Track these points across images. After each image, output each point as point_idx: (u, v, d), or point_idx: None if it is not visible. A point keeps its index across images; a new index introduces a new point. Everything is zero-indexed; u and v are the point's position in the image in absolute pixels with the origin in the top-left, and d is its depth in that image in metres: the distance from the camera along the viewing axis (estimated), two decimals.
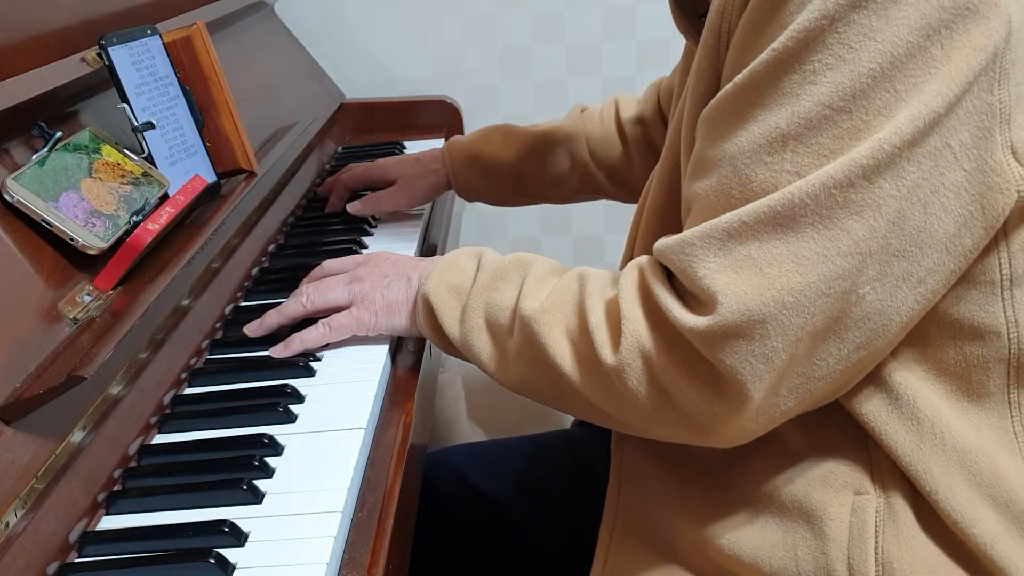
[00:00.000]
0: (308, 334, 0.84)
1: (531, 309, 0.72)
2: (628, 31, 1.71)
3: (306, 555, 0.60)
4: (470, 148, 1.19)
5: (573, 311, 0.71)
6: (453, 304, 0.78)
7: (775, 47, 0.59)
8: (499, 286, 0.76)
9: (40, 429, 0.62)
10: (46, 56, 0.80)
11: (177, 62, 0.93)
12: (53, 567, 0.60)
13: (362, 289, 0.85)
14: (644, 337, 0.65)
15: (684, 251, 0.63)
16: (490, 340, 0.76)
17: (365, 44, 1.71)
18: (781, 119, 0.59)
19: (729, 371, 0.61)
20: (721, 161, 0.62)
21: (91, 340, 0.67)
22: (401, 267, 0.86)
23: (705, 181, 0.64)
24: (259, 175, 1.00)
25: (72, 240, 0.72)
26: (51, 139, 0.76)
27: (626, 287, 0.68)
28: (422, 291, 0.80)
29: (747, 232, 0.60)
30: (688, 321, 0.62)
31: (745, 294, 0.60)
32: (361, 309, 0.84)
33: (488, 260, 0.80)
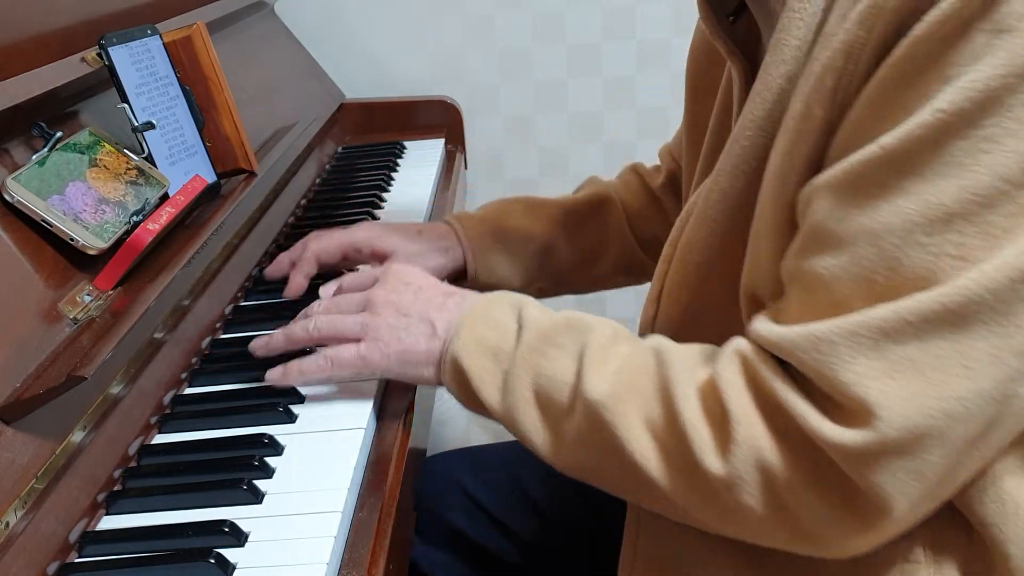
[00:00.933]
0: (308, 364, 0.75)
1: (599, 393, 0.62)
2: (628, 31, 1.71)
3: (306, 555, 0.60)
4: (491, 223, 1.00)
5: (655, 398, 0.61)
6: (491, 368, 0.68)
7: (942, 108, 0.49)
8: (550, 353, 0.66)
9: (40, 429, 0.62)
10: (46, 56, 0.80)
11: (177, 62, 0.93)
12: (53, 567, 0.60)
13: (376, 324, 0.74)
14: (764, 446, 0.55)
15: (820, 349, 0.53)
16: (542, 418, 0.66)
17: (365, 44, 1.71)
18: (945, 194, 0.50)
19: (874, 488, 0.52)
20: (857, 237, 0.52)
21: (91, 340, 0.67)
22: (424, 304, 0.74)
23: (831, 259, 0.54)
24: (259, 175, 1.00)
25: (72, 240, 0.72)
26: (51, 139, 0.76)
27: (729, 380, 0.58)
28: (451, 351, 0.70)
29: (908, 331, 0.51)
30: (834, 436, 0.52)
31: (907, 405, 0.51)
32: (371, 348, 0.73)
33: (532, 317, 0.69)
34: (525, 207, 1.02)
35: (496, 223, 1.00)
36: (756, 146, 0.63)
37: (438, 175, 1.42)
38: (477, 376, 0.68)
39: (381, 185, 1.34)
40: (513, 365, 0.67)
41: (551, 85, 1.75)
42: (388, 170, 1.41)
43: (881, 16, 0.51)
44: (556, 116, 1.77)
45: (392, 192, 1.34)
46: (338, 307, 0.77)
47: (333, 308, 0.78)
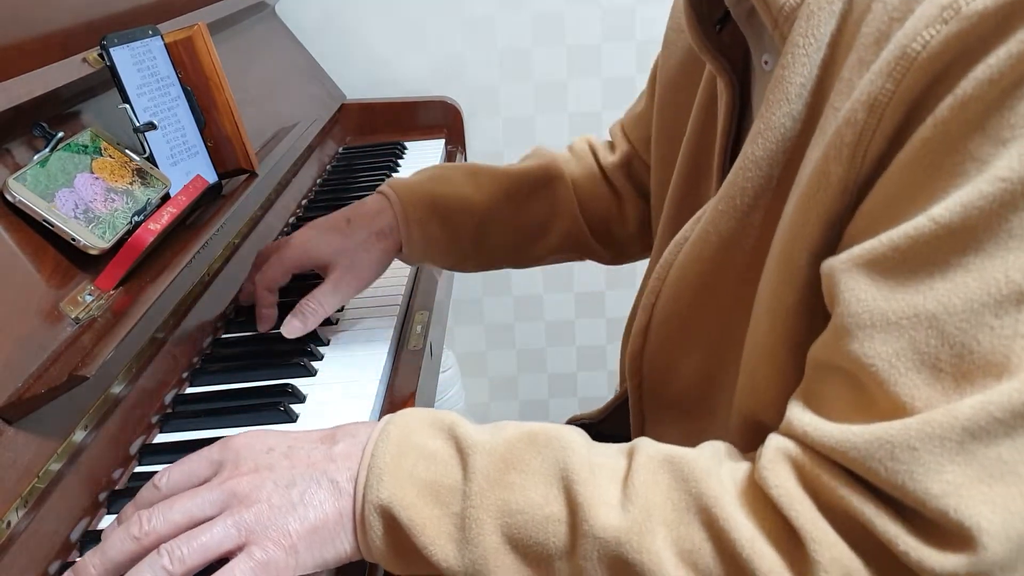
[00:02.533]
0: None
1: (613, 528, 0.50)
2: (628, 31, 1.72)
3: None
4: (428, 190, 0.90)
5: (689, 522, 0.50)
6: (436, 515, 0.53)
7: (1002, 176, 0.44)
8: (516, 482, 0.53)
9: (42, 428, 0.63)
10: (48, 57, 0.80)
11: (178, 63, 0.93)
12: (55, 566, 0.60)
13: (257, 516, 0.53)
14: (853, 569, 0.47)
15: (896, 456, 0.46)
16: (523, 568, 0.53)
17: (366, 45, 1.71)
18: (1014, 270, 0.44)
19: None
20: (912, 321, 0.47)
21: (92, 340, 0.67)
22: (306, 462, 0.56)
23: (882, 345, 0.47)
24: (260, 175, 1.00)
25: (73, 240, 0.72)
26: (53, 139, 0.76)
27: (789, 493, 0.49)
28: (374, 499, 0.53)
29: (999, 429, 0.44)
30: (935, 561, 0.45)
31: (1010, 515, 0.44)
32: (267, 547, 0.53)
33: (473, 439, 0.55)
34: (465, 175, 0.92)
35: (433, 191, 0.90)
36: (756, 187, 0.60)
37: None
38: (420, 528, 0.53)
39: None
40: (469, 506, 0.53)
41: (551, 85, 1.75)
42: (389, 170, 1.41)
43: (911, 68, 0.47)
44: (556, 116, 1.77)
45: None
46: (190, 517, 0.54)
47: (183, 522, 0.54)
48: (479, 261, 0.95)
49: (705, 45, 0.68)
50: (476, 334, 1.92)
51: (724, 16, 0.72)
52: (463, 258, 0.93)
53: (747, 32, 0.67)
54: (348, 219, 0.89)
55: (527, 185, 0.94)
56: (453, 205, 0.90)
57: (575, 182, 0.97)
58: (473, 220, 0.91)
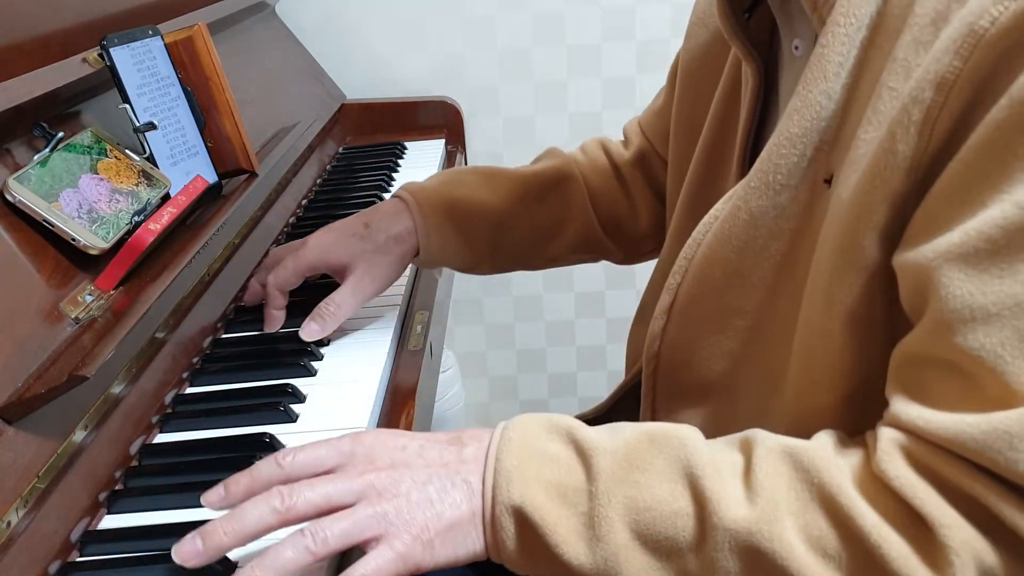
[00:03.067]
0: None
1: (743, 518, 0.52)
2: (628, 31, 1.72)
3: None
4: (444, 194, 0.91)
5: (814, 511, 0.52)
6: (566, 515, 0.55)
7: None
8: (641, 480, 0.55)
9: (42, 428, 0.62)
10: (48, 57, 0.80)
11: (178, 63, 0.93)
12: (55, 566, 0.60)
13: (396, 508, 0.56)
14: (984, 552, 0.48)
15: (1015, 445, 0.46)
16: (654, 562, 0.54)
17: (366, 44, 1.71)
18: None
19: None
20: (1013, 310, 0.47)
21: (92, 340, 0.67)
22: (437, 460, 0.58)
23: (984, 337, 0.48)
24: (260, 175, 1.00)
25: (73, 240, 0.72)
26: (53, 139, 0.76)
27: (912, 481, 0.50)
28: (506, 501, 0.55)
29: None
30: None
31: None
32: (405, 542, 0.55)
33: (593, 441, 0.57)
34: (480, 178, 0.94)
35: (449, 195, 0.91)
36: (790, 164, 0.60)
37: None
38: (551, 528, 0.54)
39: (382, 185, 1.34)
40: (596, 504, 0.54)
41: (551, 85, 1.75)
42: (389, 170, 1.41)
43: (980, 44, 0.47)
44: (556, 116, 1.77)
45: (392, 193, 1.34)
46: (329, 501, 0.56)
47: (322, 505, 0.56)
48: (494, 264, 0.96)
49: (735, 31, 0.69)
50: (476, 334, 1.92)
51: (752, 4, 0.72)
52: (479, 260, 0.94)
53: (780, 18, 0.67)
54: (366, 223, 0.89)
55: (540, 187, 0.95)
56: (469, 208, 0.91)
57: (587, 181, 0.97)
58: (488, 223, 0.92)
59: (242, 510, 0.55)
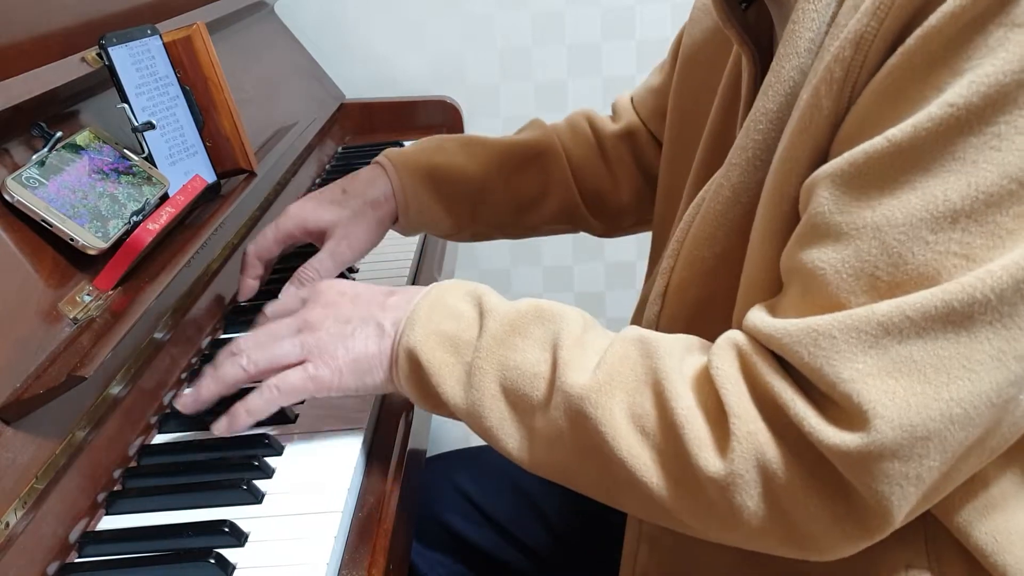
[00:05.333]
0: (254, 402, 0.68)
1: (579, 385, 0.58)
2: (628, 31, 1.72)
3: (306, 555, 0.60)
4: (424, 161, 0.93)
5: (642, 392, 0.57)
6: (451, 362, 0.63)
7: (952, 101, 0.48)
8: (518, 343, 0.62)
9: (40, 429, 0.62)
10: (46, 56, 0.80)
11: (177, 62, 0.93)
12: (53, 567, 0.60)
13: (317, 340, 0.67)
14: (764, 443, 0.53)
15: (819, 343, 0.51)
16: (511, 414, 0.62)
17: (365, 44, 1.71)
18: (952, 191, 0.48)
19: (875, 496, 0.51)
20: (860, 231, 0.51)
21: (91, 340, 0.67)
22: (365, 307, 0.68)
23: (831, 253, 0.52)
24: (259, 175, 1.00)
25: (72, 240, 0.72)
26: (51, 139, 0.76)
27: (726, 372, 0.55)
28: (405, 343, 0.64)
29: (911, 329, 0.49)
30: (831, 438, 0.50)
31: (908, 406, 0.49)
32: (319, 365, 0.67)
33: (493, 306, 0.64)
34: (461, 145, 0.96)
35: (429, 162, 0.93)
36: (768, 140, 0.62)
37: None
38: (436, 370, 0.63)
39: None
40: (477, 357, 0.62)
41: (551, 85, 1.75)
42: None
43: (893, 6, 0.50)
44: (556, 116, 1.76)
45: None
46: (271, 335, 0.69)
47: (265, 338, 0.69)
48: (475, 230, 0.98)
49: (730, 20, 0.70)
50: None
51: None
52: (458, 227, 0.96)
53: (771, 5, 0.68)
54: (343, 189, 0.92)
55: (521, 156, 0.96)
56: (448, 175, 0.93)
57: (568, 154, 0.98)
58: (467, 190, 0.94)
59: (220, 362, 0.70)
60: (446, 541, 0.98)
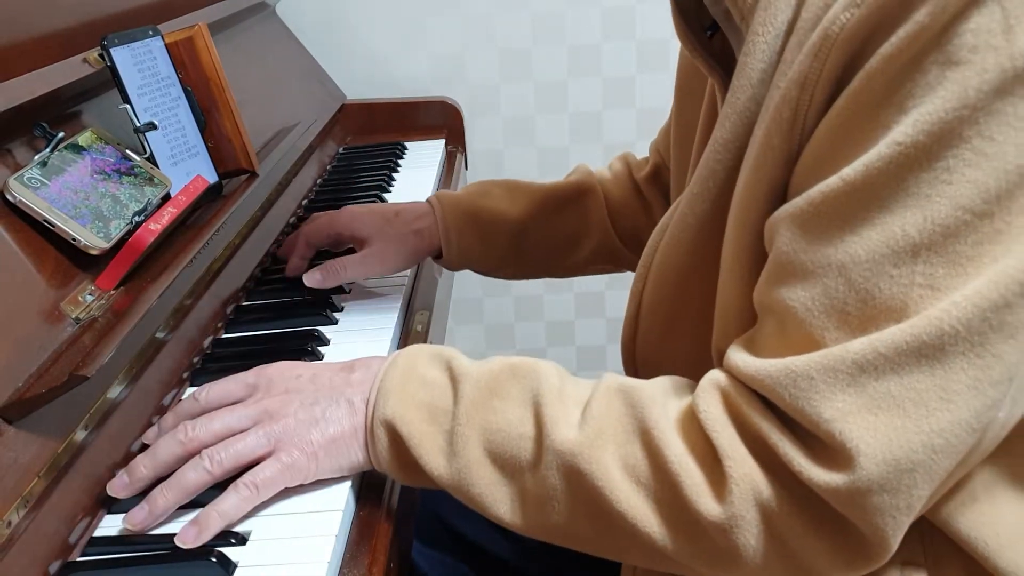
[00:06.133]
0: (226, 504, 0.62)
1: (569, 441, 0.58)
2: (628, 31, 1.72)
3: (307, 554, 0.60)
4: (468, 203, 1.00)
5: (632, 442, 0.58)
6: (430, 432, 0.62)
7: (899, 140, 0.49)
8: (497, 405, 0.62)
9: (42, 428, 0.63)
10: (48, 57, 0.80)
11: (179, 63, 0.93)
12: (55, 566, 0.60)
13: (284, 427, 0.64)
14: (760, 484, 0.54)
15: (799, 384, 0.52)
16: (500, 478, 0.61)
17: (366, 44, 1.72)
18: (909, 226, 0.50)
19: (870, 528, 0.52)
20: (825, 270, 0.53)
21: (93, 340, 0.67)
22: (328, 385, 0.67)
23: (801, 292, 0.54)
24: (261, 176, 1.00)
25: (74, 240, 0.72)
26: (53, 139, 0.76)
27: (713, 416, 0.56)
28: (380, 416, 0.63)
29: (885, 365, 0.50)
30: (820, 478, 0.52)
31: (889, 442, 0.50)
32: (291, 452, 0.64)
33: (465, 369, 0.64)
34: (505, 189, 1.02)
35: (473, 204, 0.99)
36: (727, 168, 0.63)
37: (439, 176, 1.42)
38: (417, 441, 0.62)
39: (382, 186, 1.34)
40: (457, 424, 0.61)
41: (551, 85, 1.75)
42: (389, 171, 1.41)
43: (834, 48, 0.52)
44: (556, 116, 1.77)
45: (393, 193, 1.34)
46: (227, 428, 0.65)
47: (222, 432, 0.65)
48: (517, 270, 1.04)
49: (696, 48, 0.70)
50: (476, 334, 1.92)
51: (715, 23, 0.72)
52: (501, 265, 1.02)
53: (728, 33, 0.68)
54: (396, 212, 1.00)
55: (559, 199, 1.01)
56: (489, 217, 0.99)
57: (608, 195, 1.03)
58: (508, 231, 0.99)
59: (156, 446, 0.66)
60: (447, 539, 0.99)
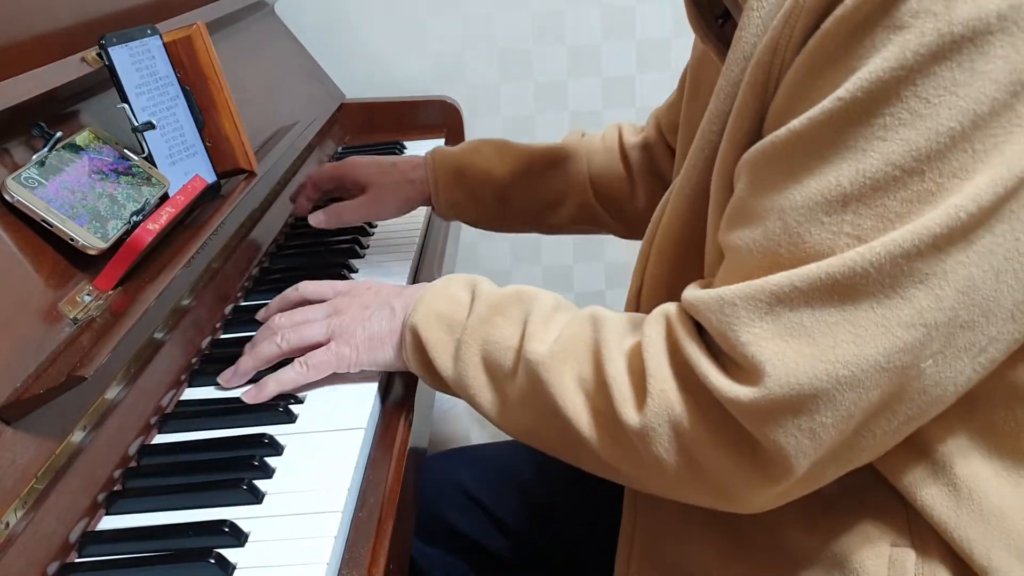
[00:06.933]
0: (284, 375, 0.77)
1: (538, 353, 0.66)
2: (628, 31, 1.72)
3: (306, 555, 0.60)
4: (457, 159, 1.09)
5: (587, 359, 0.65)
6: (445, 338, 0.72)
7: (841, 95, 0.52)
8: (498, 321, 0.70)
9: (40, 429, 0.62)
10: (46, 56, 0.80)
11: (177, 62, 0.93)
12: (53, 567, 0.60)
13: (342, 323, 0.78)
14: (673, 400, 0.59)
15: (724, 310, 0.57)
16: (489, 382, 0.70)
17: (365, 44, 1.71)
18: (843, 177, 0.53)
19: (772, 446, 0.56)
20: (768, 213, 0.56)
21: (91, 340, 0.67)
22: (384, 296, 0.80)
23: (747, 232, 0.58)
24: (259, 175, 1.00)
25: (72, 240, 0.72)
26: (51, 139, 0.76)
27: (652, 339, 0.62)
28: (409, 322, 0.74)
29: (799, 298, 0.54)
30: (728, 391, 0.56)
31: (796, 365, 0.54)
32: (341, 344, 0.78)
33: (484, 291, 0.74)
34: (496, 149, 1.09)
35: (462, 161, 1.08)
36: (718, 139, 0.65)
37: None
38: (432, 346, 0.72)
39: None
40: (464, 334, 0.71)
41: (551, 85, 1.75)
42: None
43: (801, 15, 0.55)
44: (556, 116, 1.77)
45: None
46: (305, 318, 0.80)
47: (299, 319, 0.80)
48: (502, 224, 1.12)
49: (707, 35, 0.73)
50: None
51: (726, 11, 0.74)
52: (487, 219, 1.11)
53: (734, 12, 0.69)
54: (394, 163, 1.11)
55: (546, 160, 1.08)
56: (475, 174, 1.08)
57: (592, 160, 1.08)
58: (492, 189, 1.08)
59: (256, 342, 0.81)
60: (447, 538, 0.99)
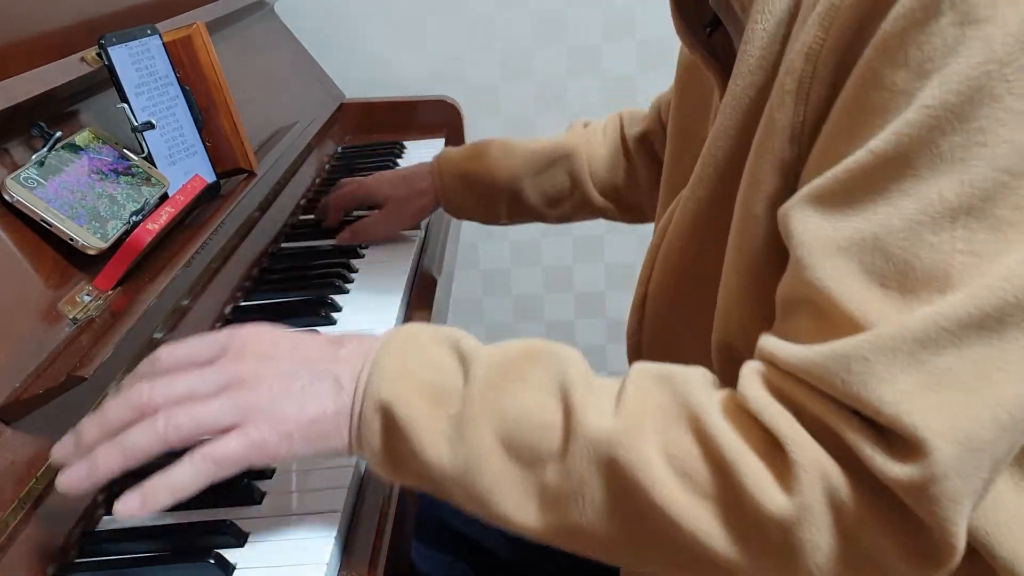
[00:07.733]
0: (180, 476, 0.55)
1: (605, 429, 0.52)
2: (628, 31, 1.72)
3: (306, 555, 0.60)
4: (462, 167, 1.13)
5: (676, 427, 0.52)
6: (434, 415, 0.54)
7: (926, 104, 0.47)
8: (515, 389, 0.54)
9: (40, 429, 0.62)
10: (46, 56, 0.80)
11: (177, 62, 0.93)
12: (53, 567, 0.60)
13: (256, 398, 0.56)
14: (830, 471, 0.49)
15: (852, 368, 0.48)
16: (514, 470, 0.53)
17: (365, 44, 1.71)
18: (946, 190, 0.47)
19: (940, 522, 0.48)
20: (860, 244, 0.49)
21: (91, 340, 0.67)
22: (310, 355, 0.58)
23: (834, 270, 0.50)
24: (259, 175, 1.00)
25: (72, 240, 0.72)
26: (51, 139, 0.76)
27: (766, 401, 0.51)
28: (375, 397, 0.54)
29: (945, 339, 0.47)
30: (891, 470, 0.47)
31: (957, 421, 0.47)
32: (261, 429, 0.55)
33: (474, 349, 0.57)
34: (500, 149, 1.11)
35: (467, 167, 1.11)
36: (729, 157, 0.62)
37: None
38: (415, 425, 0.53)
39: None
40: (465, 407, 0.53)
41: (551, 85, 1.75)
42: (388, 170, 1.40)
43: (838, 16, 0.51)
44: (556, 116, 1.77)
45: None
46: (189, 391, 0.56)
47: (183, 396, 0.56)
48: (510, 220, 1.14)
49: (694, 44, 0.70)
50: (476, 334, 1.88)
51: (714, 20, 0.73)
52: (495, 218, 1.14)
53: (728, 25, 0.68)
54: (403, 176, 1.17)
55: (548, 158, 1.11)
56: (481, 179, 1.11)
57: (592, 152, 1.10)
58: (498, 191, 1.10)
59: (106, 407, 0.56)
60: (446, 539, 0.98)
